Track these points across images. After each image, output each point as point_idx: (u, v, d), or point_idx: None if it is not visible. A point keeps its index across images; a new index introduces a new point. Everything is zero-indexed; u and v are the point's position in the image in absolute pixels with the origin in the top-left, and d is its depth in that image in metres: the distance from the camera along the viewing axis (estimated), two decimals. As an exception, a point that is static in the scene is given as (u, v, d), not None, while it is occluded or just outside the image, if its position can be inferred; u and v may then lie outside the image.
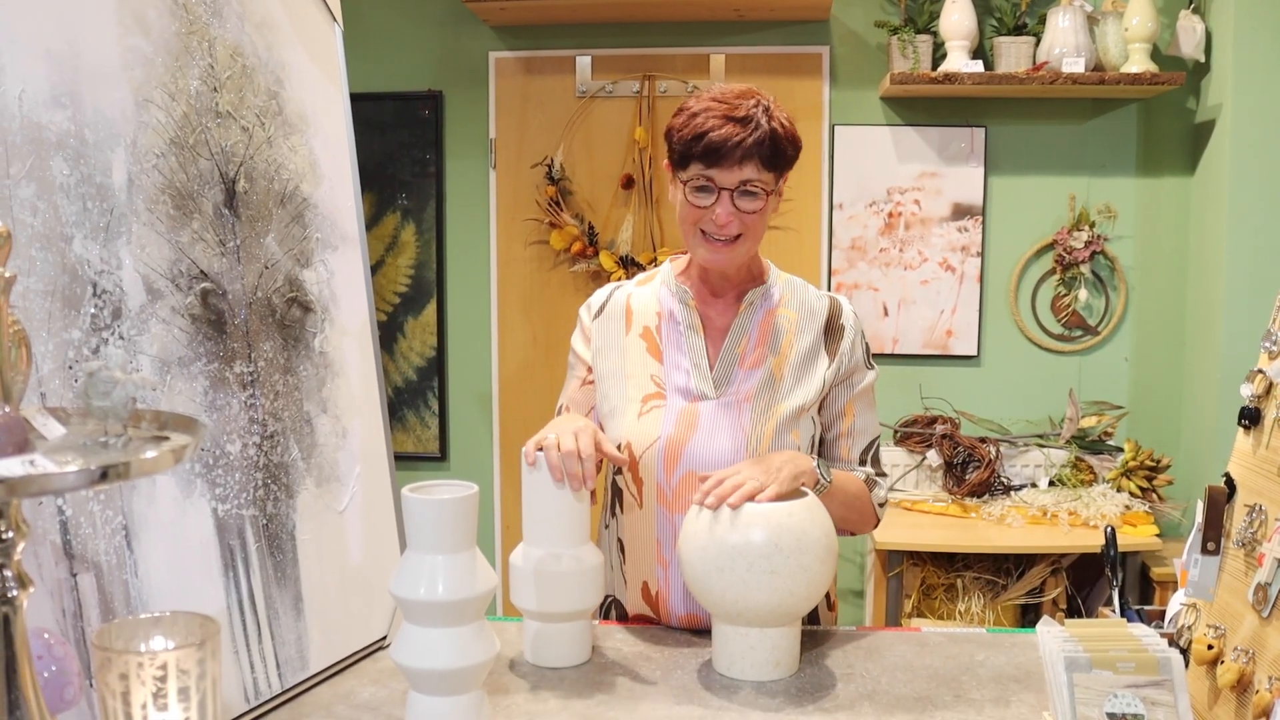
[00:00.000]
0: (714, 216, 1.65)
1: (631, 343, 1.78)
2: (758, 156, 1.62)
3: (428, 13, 3.55)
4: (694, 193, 1.66)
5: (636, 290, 1.84)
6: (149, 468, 0.75)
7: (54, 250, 1.21)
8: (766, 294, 1.78)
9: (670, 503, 1.73)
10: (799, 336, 1.76)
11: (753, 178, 1.63)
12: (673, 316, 1.78)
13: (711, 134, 1.61)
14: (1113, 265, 3.39)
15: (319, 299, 1.64)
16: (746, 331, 1.76)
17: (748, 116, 1.62)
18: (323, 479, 1.61)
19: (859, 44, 3.43)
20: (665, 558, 1.75)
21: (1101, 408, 3.36)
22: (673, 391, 1.74)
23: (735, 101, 1.64)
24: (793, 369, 1.75)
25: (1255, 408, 1.31)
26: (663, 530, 1.74)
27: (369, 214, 3.63)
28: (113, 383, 0.78)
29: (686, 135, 1.64)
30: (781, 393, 1.73)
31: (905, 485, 3.33)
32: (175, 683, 0.83)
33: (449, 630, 1.33)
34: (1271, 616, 1.19)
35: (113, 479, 0.72)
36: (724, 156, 1.61)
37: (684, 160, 1.66)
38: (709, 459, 1.70)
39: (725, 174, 1.63)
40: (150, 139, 1.35)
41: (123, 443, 0.78)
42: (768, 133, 1.62)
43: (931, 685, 1.55)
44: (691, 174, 1.65)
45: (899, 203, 3.44)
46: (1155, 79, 3.07)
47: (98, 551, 1.22)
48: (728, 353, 1.75)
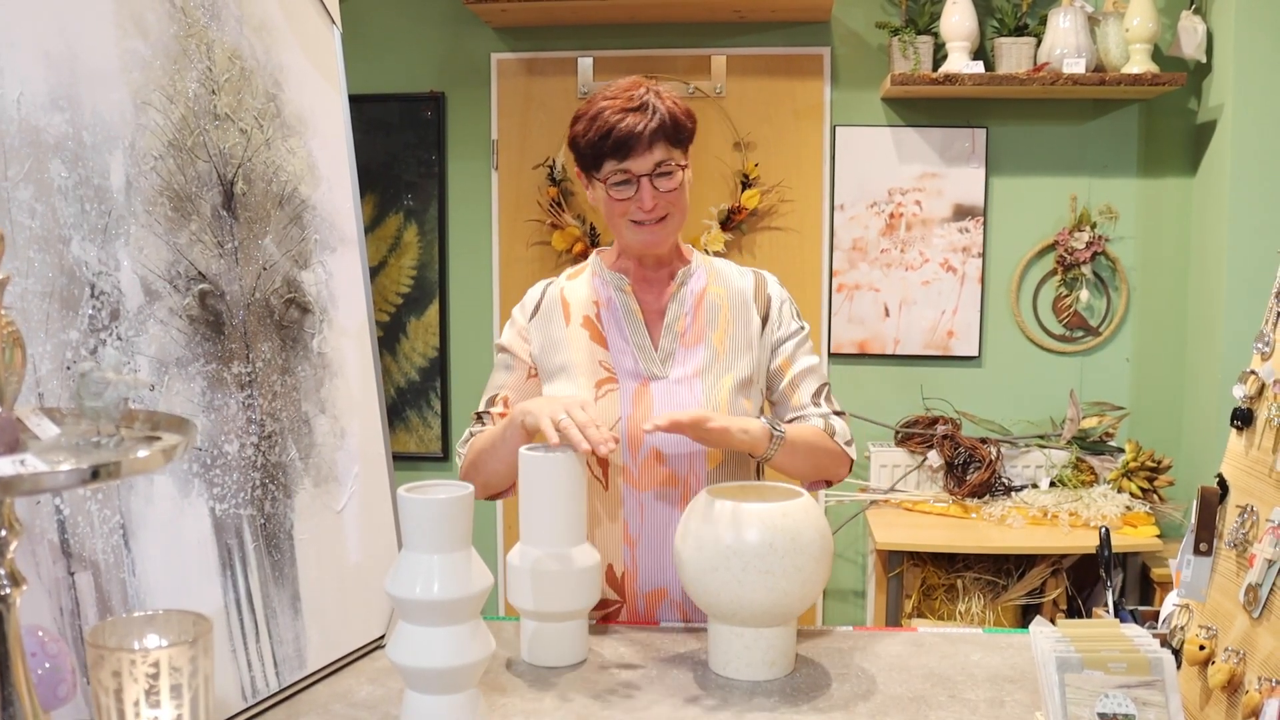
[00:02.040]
0: (639, 204, 1.74)
1: (574, 333, 1.82)
2: (664, 137, 1.71)
3: (430, 14, 3.56)
4: (615, 187, 1.74)
5: (569, 284, 1.88)
6: (139, 467, 0.76)
7: (52, 252, 1.22)
8: (695, 273, 1.86)
9: (637, 480, 1.77)
10: (733, 311, 1.84)
11: (664, 158, 1.73)
12: (611, 303, 1.84)
13: (617, 128, 1.70)
14: (1114, 266, 3.39)
15: (317, 300, 1.65)
16: (684, 309, 1.83)
17: (644, 104, 1.72)
18: (321, 479, 1.62)
19: (860, 45, 3.44)
20: (632, 536, 1.78)
21: (1102, 408, 3.36)
22: (623, 375, 1.79)
23: (627, 94, 1.73)
24: (732, 340, 1.82)
25: (1248, 409, 1.32)
26: (629, 509, 1.78)
27: (372, 215, 3.64)
28: (105, 383, 0.79)
29: (593, 136, 1.72)
30: (725, 364, 1.80)
31: (906, 486, 3.34)
32: (168, 680, 0.84)
33: (444, 629, 1.34)
34: (1262, 617, 1.20)
35: (103, 478, 0.73)
36: (634, 145, 1.70)
37: (597, 160, 1.74)
38: (671, 436, 1.72)
39: (639, 161, 1.72)
40: (148, 141, 1.36)
41: (115, 443, 0.79)
42: (666, 113, 1.72)
43: (926, 685, 1.55)
44: (607, 171, 1.74)
45: (900, 203, 3.44)
46: (1156, 80, 3.07)
47: (95, 550, 1.23)
48: (669, 331, 1.82)
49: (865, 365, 3.53)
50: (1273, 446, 1.24)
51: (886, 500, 3.29)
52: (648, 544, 1.78)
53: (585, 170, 1.79)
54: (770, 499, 1.58)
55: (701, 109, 3.50)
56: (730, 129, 3.48)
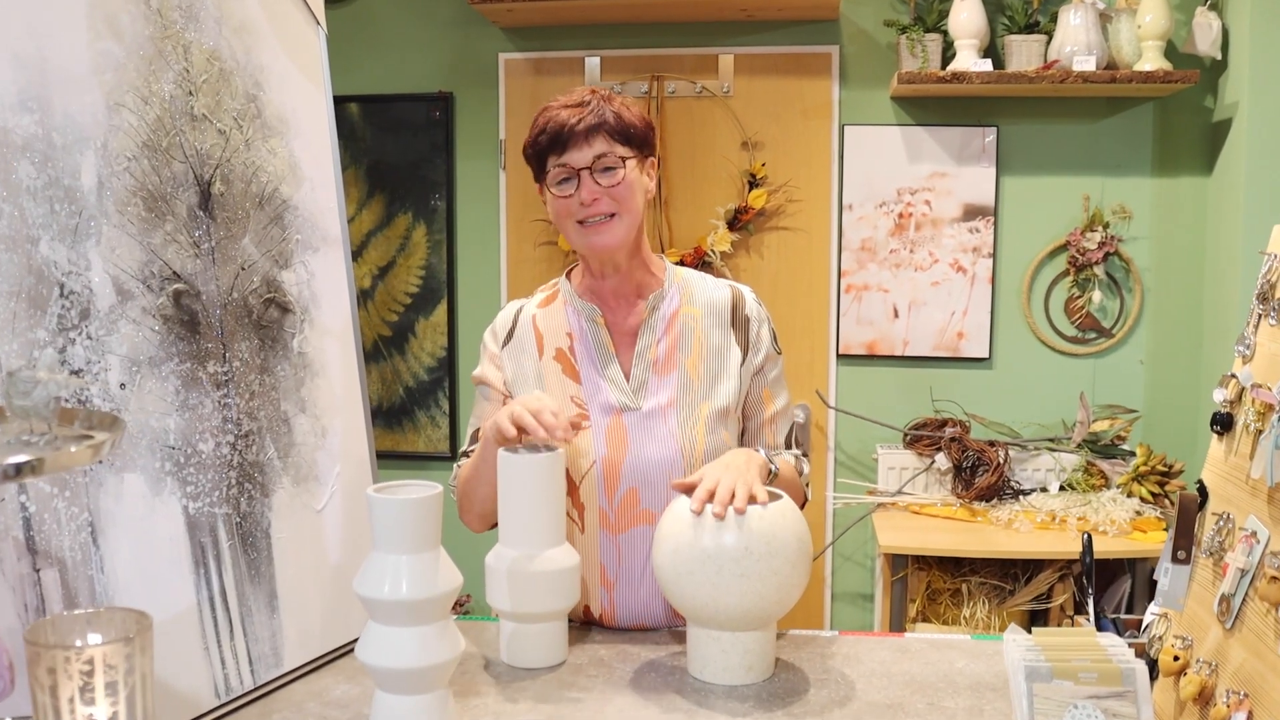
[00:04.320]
0: (580, 198, 1.69)
1: (547, 366, 1.78)
2: (604, 131, 1.68)
3: (438, 15, 3.57)
4: (556, 185, 1.71)
5: (540, 311, 1.83)
6: (65, 462, 0.77)
7: (19, 252, 1.23)
8: (667, 295, 1.80)
9: (612, 525, 1.73)
10: (706, 333, 1.79)
11: (605, 151, 1.68)
12: (584, 336, 1.78)
13: (552, 123, 1.69)
14: (1128, 266, 3.35)
15: (298, 299, 1.65)
16: (656, 334, 1.77)
17: (584, 101, 1.70)
18: (300, 478, 1.62)
19: (869, 43, 3.41)
20: (610, 579, 1.75)
21: (1114, 411, 3.31)
22: (596, 410, 1.74)
23: (573, 96, 1.73)
24: (707, 366, 1.77)
25: (1227, 413, 1.29)
26: (606, 553, 1.74)
27: (380, 215, 3.66)
28: (33, 382, 0.79)
29: (535, 136, 1.71)
30: (700, 393, 1.75)
31: (914, 488, 3.31)
32: (102, 678, 0.84)
33: (412, 629, 1.34)
34: (1234, 628, 1.17)
35: (25, 474, 0.73)
36: (570, 138, 1.67)
37: (540, 161, 1.71)
38: (648, 471, 1.71)
39: (577, 154, 1.68)
40: (121, 142, 1.37)
41: (45, 440, 0.79)
42: (612, 112, 1.69)
43: (906, 692, 1.53)
44: (550, 168, 1.71)
45: (909, 203, 3.41)
46: (1168, 77, 3.02)
47: (62, 547, 1.24)
48: (640, 358, 1.76)
49: (874, 366, 3.50)
50: (1250, 452, 1.22)
51: (894, 503, 3.26)
52: (626, 584, 1.75)
53: (537, 179, 1.75)
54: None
55: (709, 108, 3.49)
56: (738, 128, 3.47)
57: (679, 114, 3.50)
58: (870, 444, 3.48)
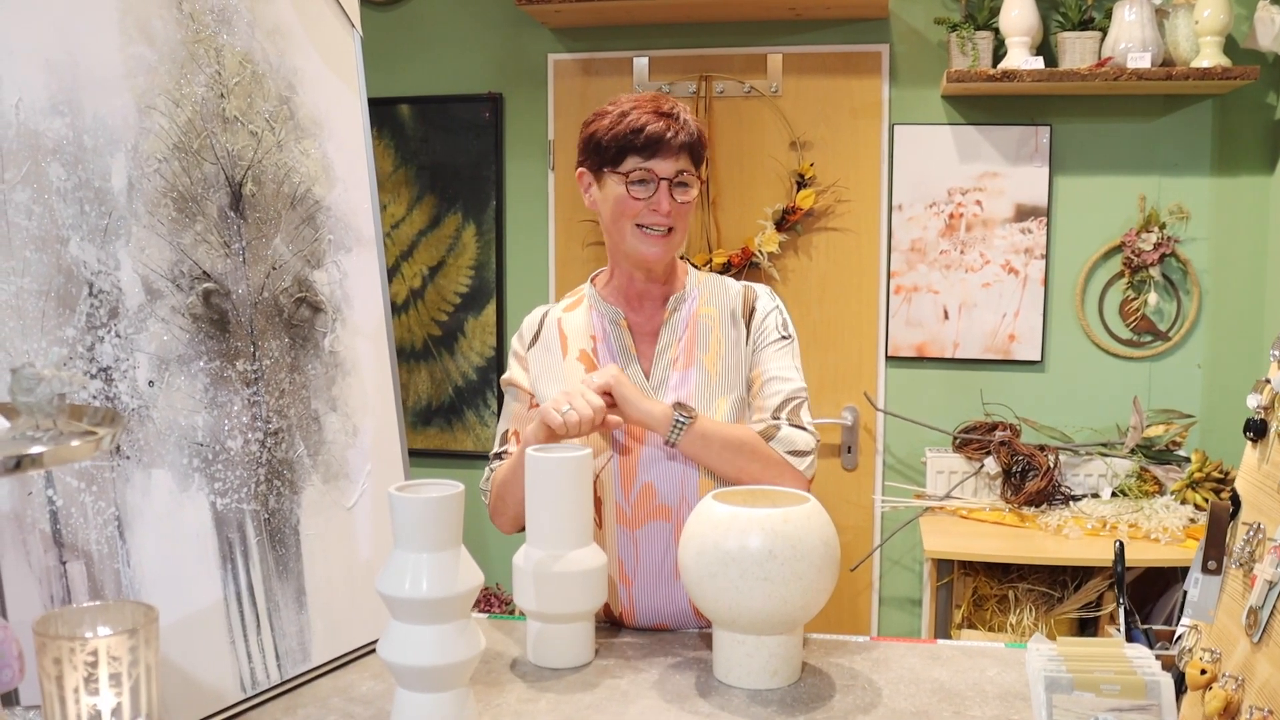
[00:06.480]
0: (655, 206, 1.71)
1: (570, 366, 1.81)
2: (689, 149, 1.73)
3: (488, 16, 3.59)
4: (635, 185, 1.72)
5: (566, 315, 1.87)
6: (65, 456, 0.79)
7: (49, 252, 1.26)
8: (688, 298, 1.83)
9: (629, 520, 1.74)
10: (724, 331, 1.81)
11: (686, 168, 1.73)
12: (607, 337, 1.81)
13: (649, 127, 1.70)
14: (1185, 268, 3.26)
15: (330, 299, 1.67)
16: (676, 334, 1.80)
17: (674, 113, 1.73)
18: (330, 475, 1.64)
19: (919, 41, 3.36)
20: (628, 575, 1.75)
21: (1170, 416, 3.22)
22: None
23: (654, 101, 1.74)
24: (724, 361, 1.79)
25: (1261, 420, 1.25)
26: (624, 548, 1.75)
27: (430, 215, 3.69)
28: (36, 379, 0.81)
29: (622, 130, 1.71)
30: (719, 387, 1.77)
31: (963, 493, 3.25)
32: (106, 669, 0.86)
33: (432, 627, 1.35)
34: (1262, 642, 1.13)
35: (26, 468, 0.75)
36: (663, 147, 1.70)
37: (619, 155, 1.72)
38: (663, 466, 1.72)
39: (664, 164, 1.71)
40: (152, 144, 1.39)
41: (49, 436, 0.81)
42: (694, 129, 1.73)
43: (933, 700, 1.51)
44: (630, 167, 1.72)
45: (960, 204, 3.36)
46: (1228, 74, 2.94)
47: (89, 541, 1.27)
48: (660, 358, 1.79)
49: (924, 369, 3.45)
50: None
51: (942, 507, 3.21)
52: (643, 581, 1.75)
53: (598, 166, 1.76)
54: (779, 504, 1.55)
55: (757, 108, 3.47)
56: (786, 128, 3.44)
57: (727, 114, 3.48)
58: (919, 447, 3.44)
